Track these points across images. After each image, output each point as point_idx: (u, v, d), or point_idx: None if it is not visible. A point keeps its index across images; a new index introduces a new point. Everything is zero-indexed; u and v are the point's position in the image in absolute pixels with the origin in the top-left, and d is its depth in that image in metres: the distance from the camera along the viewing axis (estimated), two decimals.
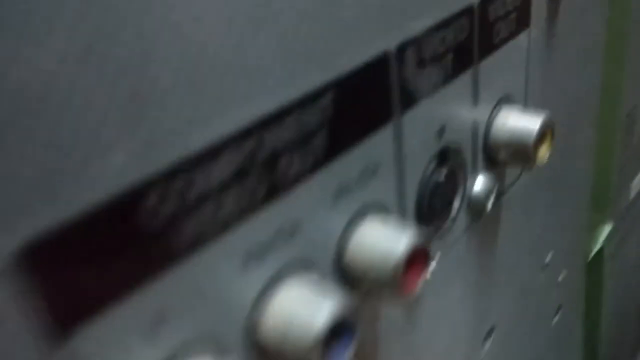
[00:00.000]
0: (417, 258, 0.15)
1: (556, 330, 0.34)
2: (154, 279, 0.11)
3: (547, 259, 0.30)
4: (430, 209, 0.18)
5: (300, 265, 0.14)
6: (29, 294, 0.09)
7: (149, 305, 0.11)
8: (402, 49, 0.15)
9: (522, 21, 0.20)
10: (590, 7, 0.26)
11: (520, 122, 0.20)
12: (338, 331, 0.14)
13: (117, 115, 0.10)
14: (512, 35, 0.20)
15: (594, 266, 0.39)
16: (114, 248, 0.10)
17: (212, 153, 0.11)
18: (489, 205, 0.21)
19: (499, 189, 0.22)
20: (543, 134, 0.20)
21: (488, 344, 0.26)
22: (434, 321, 0.21)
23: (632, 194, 0.42)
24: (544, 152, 0.21)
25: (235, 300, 0.13)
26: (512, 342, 0.28)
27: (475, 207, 0.21)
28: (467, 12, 0.17)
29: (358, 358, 0.18)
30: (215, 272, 0.12)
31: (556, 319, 0.34)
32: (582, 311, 0.39)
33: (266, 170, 0.13)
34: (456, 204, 0.20)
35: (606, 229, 0.38)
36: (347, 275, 0.16)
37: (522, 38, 0.21)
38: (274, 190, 0.13)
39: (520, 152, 0.20)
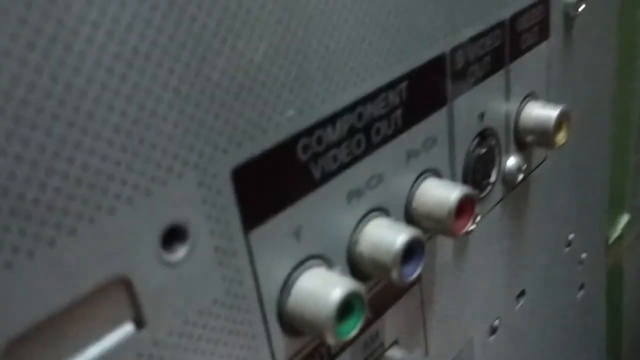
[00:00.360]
0: (466, 205, 0.21)
1: (580, 307, 0.39)
2: (298, 201, 0.17)
3: (570, 238, 0.35)
4: (474, 177, 0.24)
5: (382, 209, 0.20)
6: (234, 197, 0.15)
7: (293, 220, 0.17)
8: (453, 51, 0.21)
9: (543, 33, 0.26)
10: (601, 22, 0.31)
11: (542, 112, 0.26)
12: (411, 254, 0.19)
13: (289, 82, 0.15)
14: (536, 43, 0.25)
15: (614, 254, 0.43)
16: (284, 170, 0.16)
17: (336, 115, 0.17)
18: (519, 179, 0.26)
19: (527, 168, 0.27)
20: (560, 122, 0.26)
21: (521, 303, 0.31)
22: (476, 271, 0.26)
23: None
24: (562, 137, 0.26)
25: (342, 226, 0.19)
26: (541, 308, 0.33)
27: (508, 180, 0.26)
28: (500, 25, 0.23)
29: (421, 285, 0.23)
30: (331, 203, 0.18)
31: (580, 295, 0.39)
32: (604, 295, 0.43)
33: (365, 131, 0.18)
34: (493, 176, 0.25)
35: (624, 219, 0.43)
36: (414, 219, 0.21)
37: (543, 46, 0.26)
38: (369, 147, 0.19)
39: (543, 135, 0.26)
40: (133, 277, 0.13)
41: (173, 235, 0.14)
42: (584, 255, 0.37)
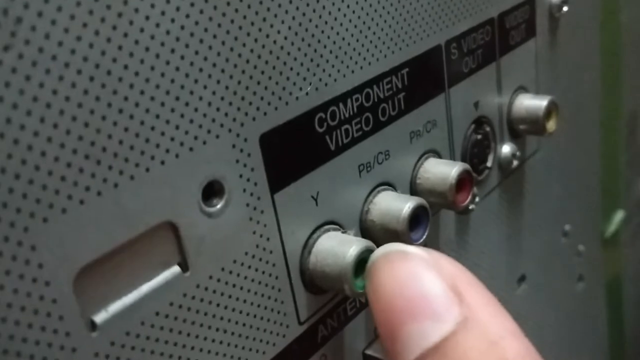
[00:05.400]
0: (465, 180, 0.23)
1: (580, 298, 0.41)
2: (316, 169, 0.19)
3: (566, 229, 0.37)
4: (471, 161, 0.26)
5: (389, 184, 0.22)
6: (261, 160, 0.17)
7: (312, 186, 0.19)
8: (449, 43, 0.23)
9: (530, 31, 0.28)
10: (584, 23, 0.34)
11: (533, 102, 0.28)
12: (418, 221, 0.21)
13: (306, 62, 0.18)
14: (523, 40, 0.28)
15: (611, 249, 0.45)
16: (304, 140, 0.18)
17: (347, 94, 0.19)
18: (514, 165, 0.28)
19: (521, 155, 0.30)
20: (550, 110, 0.28)
21: (521, 288, 0.33)
22: (477, 250, 0.28)
23: None
24: (551, 125, 0.28)
25: (354, 195, 0.21)
26: (541, 295, 0.35)
27: (503, 166, 0.28)
28: (490, 21, 0.25)
29: None
30: (345, 173, 0.20)
31: (579, 287, 0.40)
32: (603, 288, 0.45)
33: (372, 110, 0.21)
34: (489, 161, 0.27)
35: (619, 215, 0.45)
36: (418, 194, 0.23)
37: (531, 43, 0.29)
38: (376, 125, 0.21)
39: (534, 124, 0.28)
40: (179, 223, 0.15)
41: (211, 189, 0.16)
42: (581, 247, 0.39)
